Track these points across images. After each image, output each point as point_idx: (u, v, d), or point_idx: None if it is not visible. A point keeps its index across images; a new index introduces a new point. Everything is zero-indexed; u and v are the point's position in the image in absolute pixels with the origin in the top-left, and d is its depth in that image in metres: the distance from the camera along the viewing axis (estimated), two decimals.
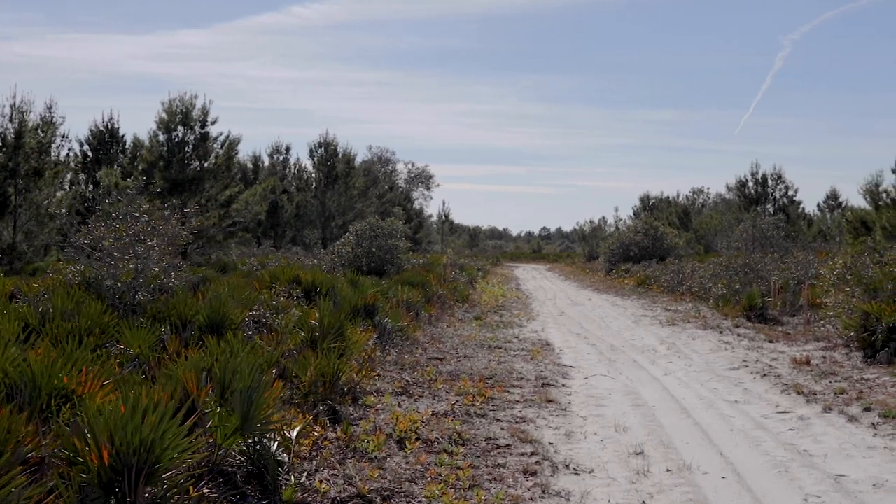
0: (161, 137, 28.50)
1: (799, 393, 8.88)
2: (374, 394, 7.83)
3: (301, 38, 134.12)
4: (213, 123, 28.94)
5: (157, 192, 28.00)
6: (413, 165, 79.65)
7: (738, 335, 14.53)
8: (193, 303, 8.34)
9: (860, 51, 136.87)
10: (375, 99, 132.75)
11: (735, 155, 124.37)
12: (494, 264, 54.19)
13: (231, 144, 29.45)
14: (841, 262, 13.99)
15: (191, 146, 28.68)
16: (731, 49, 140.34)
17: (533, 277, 39.86)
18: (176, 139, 28.57)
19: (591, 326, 16.51)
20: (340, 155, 46.90)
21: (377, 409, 7.23)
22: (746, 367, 10.96)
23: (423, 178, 78.79)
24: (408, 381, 8.74)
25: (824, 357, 11.58)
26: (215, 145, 29.01)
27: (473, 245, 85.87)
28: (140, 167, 28.70)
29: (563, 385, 9.47)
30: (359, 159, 67.98)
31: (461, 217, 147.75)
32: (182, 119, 28.63)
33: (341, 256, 23.48)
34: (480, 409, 7.69)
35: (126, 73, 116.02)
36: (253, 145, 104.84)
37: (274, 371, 6.58)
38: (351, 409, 7.10)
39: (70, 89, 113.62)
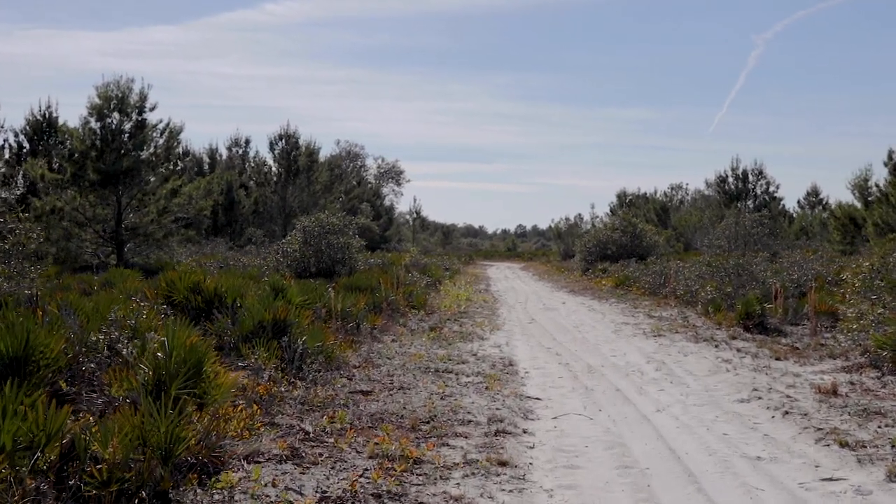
0: (93, 125, 25.82)
1: (842, 445, 6.54)
2: (244, 462, 5.37)
3: (273, 35, 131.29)
4: (151, 110, 26.37)
5: (89, 184, 25.54)
6: (383, 160, 77.12)
7: (738, 350, 12.22)
8: None
9: (833, 49, 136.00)
10: (348, 96, 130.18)
11: (709, 153, 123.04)
12: (466, 263, 51.83)
13: (172, 133, 26.80)
14: (867, 264, 11.72)
15: (127, 135, 26.01)
16: (705, 47, 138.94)
17: (505, 277, 37.51)
18: (111, 126, 25.88)
19: (564, 338, 14.15)
20: (303, 148, 44.25)
21: (234, 495, 4.78)
22: (759, 397, 8.62)
23: (393, 174, 76.29)
24: (306, 433, 6.29)
25: (853, 383, 9.27)
26: (154, 134, 26.37)
27: (447, 243, 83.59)
28: (74, 157, 26.00)
29: (525, 432, 7.06)
30: (327, 154, 65.53)
31: (435, 215, 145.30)
32: (117, 105, 25.96)
33: (287, 256, 20.99)
34: (398, 483, 5.25)
35: (94, 70, 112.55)
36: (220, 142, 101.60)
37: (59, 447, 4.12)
38: (195, 493, 4.65)
39: (37, 86, 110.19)
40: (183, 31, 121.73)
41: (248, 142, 49.39)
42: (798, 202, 58.75)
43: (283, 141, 44.11)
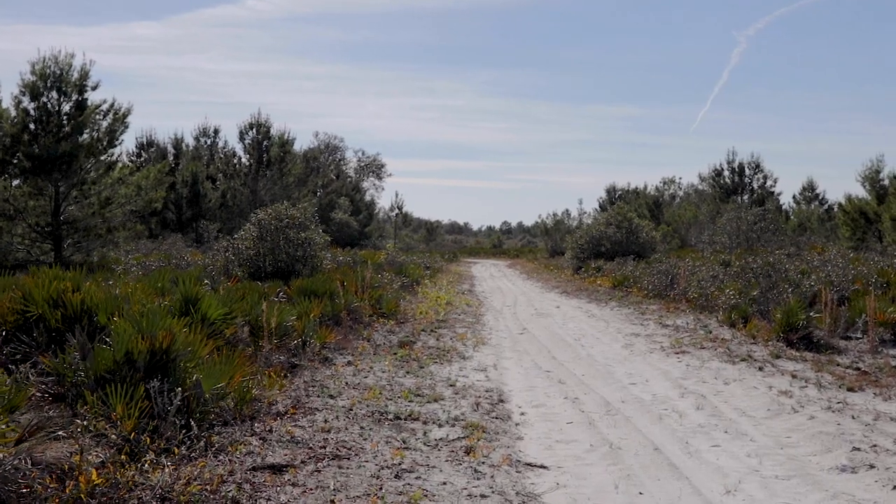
0: (27, 105, 22.74)
1: None
2: None
3: (255, 30, 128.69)
4: (94, 89, 23.27)
5: (20, 171, 22.56)
6: (363, 154, 74.09)
7: (794, 376, 9.46)
8: None
9: (816, 47, 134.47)
10: (330, 93, 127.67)
11: (694, 150, 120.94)
12: (450, 260, 48.97)
13: (117, 116, 23.74)
14: None
15: (65, 116, 22.98)
16: (689, 44, 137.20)
17: (491, 276, 34.69)
18: (47, 107, 22.83)
19: (565, 356, 11.35)
20: (275, 138, 41.34)
21: None
22: (869, 465, 5.84)
23: (374, 168, 73.30)
24: None
25: None
26: (97, 116, 23.31)
27: (431, 240, 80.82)
28: (3, 141, 22.92)
29: None
30: (305, 146, 62.55)
31: (420, 211, 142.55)
32: (55, 83, 22.93)
33: (239, 254, 18.08)
34: None
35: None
36: None
37: None
38: None
39: (15, 82, 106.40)
40: (164, 26, 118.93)
41: (216, 131, 46.38)
42: (794, 197, 56.65)
43: (254, 130, 41.20)
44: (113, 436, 4.77)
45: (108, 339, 6.14)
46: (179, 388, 5.38)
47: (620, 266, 27.73)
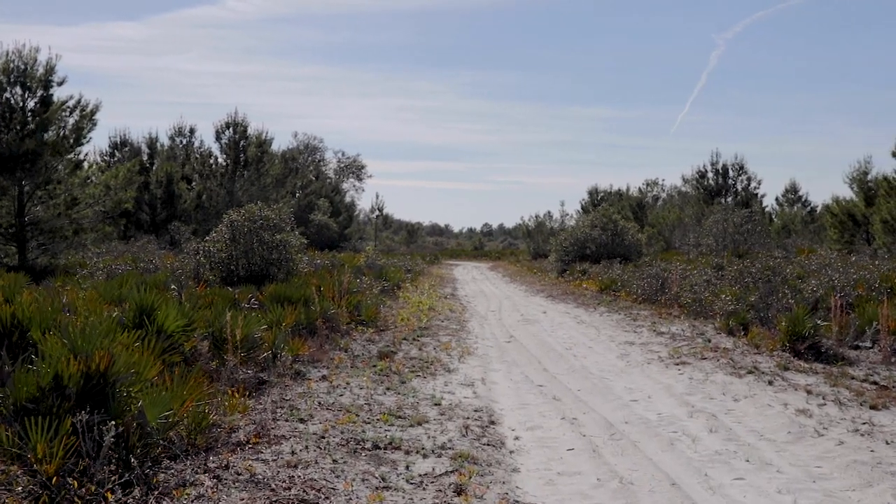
0: None
1: None
2: None
3: (236, 31, 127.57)
4: (60, 85, 22.27)
5: None
6: (343, 154, 73.05)
7: (808, 391, 8.69)
8: None
9: (793, 49, 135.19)
10: (311, 94, 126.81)
11: (674, 153, 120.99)
12: (431, 263, 48.12)
13: (85, 113, 22.72)
14: None
15: (30, 113, 21.95)
16: (668, 45, 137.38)
17: (473, 279, 33.86)
18: (10, 103, 21.79)
19: (557, 368, 10.54)
20: (252, 137, 40.31)
21: None
22: None
23: (354, 169, 72.28)
24: None
25: None
26: (63, 113, 22.30)
27: (412, 242, 79.96)
28: None
29: None
30: (285, 146, 61.55)
31: (400, 213, 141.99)
32: (19, 78, 21.89)
33: (210, 257, 17.14)
34: None
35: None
36: None
37: None
38: None
39: None
40: (145, 27, 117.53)
41: (192, 131, 45.17)
42: (776, 199, 56.42)
43: (231, 130, 40.14)
44: (19, 488, 3.88)
45: (16, 362, 5.25)
46: (114, 422, 4.50)
47: (607, 269, 27.01)
